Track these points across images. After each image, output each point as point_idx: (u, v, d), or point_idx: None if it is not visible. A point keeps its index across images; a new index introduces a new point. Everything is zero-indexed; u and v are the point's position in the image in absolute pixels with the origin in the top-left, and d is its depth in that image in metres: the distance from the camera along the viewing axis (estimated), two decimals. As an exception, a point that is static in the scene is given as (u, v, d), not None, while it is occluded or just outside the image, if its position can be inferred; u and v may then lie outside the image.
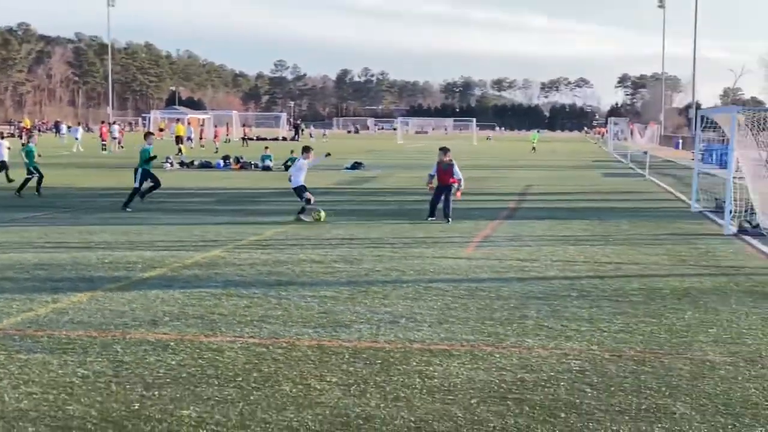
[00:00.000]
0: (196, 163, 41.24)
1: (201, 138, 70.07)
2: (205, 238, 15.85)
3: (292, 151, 40.96)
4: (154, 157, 21.22)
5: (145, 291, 10.74)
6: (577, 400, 6.58)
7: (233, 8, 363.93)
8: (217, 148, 57.73)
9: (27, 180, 23.62)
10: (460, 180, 19.01)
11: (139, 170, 20.67)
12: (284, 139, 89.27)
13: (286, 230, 17.17)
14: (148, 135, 22.34)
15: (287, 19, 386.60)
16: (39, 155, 24.72)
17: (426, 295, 10.63)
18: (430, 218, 18.76)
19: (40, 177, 23.84)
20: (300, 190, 18.77)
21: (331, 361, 7.62)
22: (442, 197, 18.79)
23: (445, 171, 18.91)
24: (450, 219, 18.38)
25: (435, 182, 19.18)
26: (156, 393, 6.74)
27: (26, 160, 23.75)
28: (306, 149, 19.49)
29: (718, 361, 7.72)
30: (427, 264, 13.08)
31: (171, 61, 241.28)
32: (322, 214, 18.52)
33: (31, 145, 24.57)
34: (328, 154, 22.36)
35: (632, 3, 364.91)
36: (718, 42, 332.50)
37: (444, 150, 19.46)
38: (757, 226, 17.17)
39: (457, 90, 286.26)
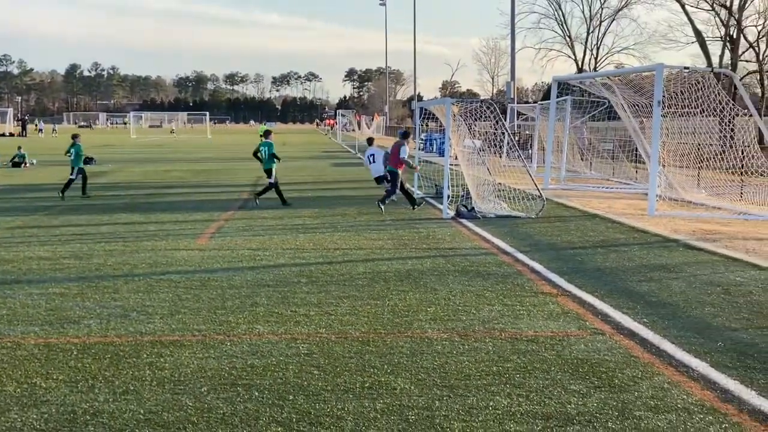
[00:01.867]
0: None
1: None
2: None
3: (19, 147, 38.92)
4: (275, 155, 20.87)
5: None
6: (305, 382, 6.77)
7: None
8: None
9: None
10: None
11: (272, 168, 20.53)
12: (11, 135, 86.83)
13: (13, 228, 16.30)
14: (267, 133, 21.80)
15: (10, 12, 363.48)
16: None
17: (158, 287, 10.54)
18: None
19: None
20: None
21: (59, 359, 7.41)
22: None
23: None
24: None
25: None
26: None
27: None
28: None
29: (435, 338, 8.13)
30: (159, 257, 12.94)
31: None
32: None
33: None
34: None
35: (358, 1, 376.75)
36: (437, 38, 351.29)
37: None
38: (472, 209, 18.37)
39: (190, 84, 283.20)
